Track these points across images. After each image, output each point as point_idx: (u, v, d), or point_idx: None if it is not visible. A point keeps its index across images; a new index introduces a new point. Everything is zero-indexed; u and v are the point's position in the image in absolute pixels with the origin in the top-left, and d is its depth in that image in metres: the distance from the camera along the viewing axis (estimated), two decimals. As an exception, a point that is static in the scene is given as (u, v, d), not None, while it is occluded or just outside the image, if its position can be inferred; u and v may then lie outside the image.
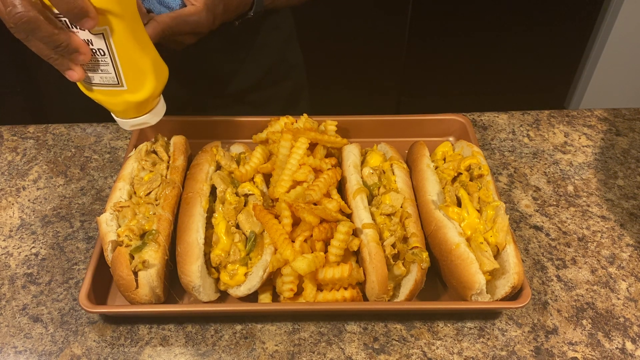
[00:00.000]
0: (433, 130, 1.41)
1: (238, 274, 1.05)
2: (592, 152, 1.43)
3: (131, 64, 0.95)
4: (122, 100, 1.01)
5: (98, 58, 0.93)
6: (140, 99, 1.01)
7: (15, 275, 1.15)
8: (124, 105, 1.02)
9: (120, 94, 0.99)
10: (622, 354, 1.02)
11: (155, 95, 1.04)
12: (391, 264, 1.05)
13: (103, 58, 0.93)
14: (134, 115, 1.06)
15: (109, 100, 1.02)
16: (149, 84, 1.00)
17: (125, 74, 0.96)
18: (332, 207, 1.10)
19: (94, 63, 0.94)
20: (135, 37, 0.94)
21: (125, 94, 1.00)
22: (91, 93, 1.01)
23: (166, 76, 1.05)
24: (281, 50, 1.60)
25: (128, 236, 1.04)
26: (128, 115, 1.05)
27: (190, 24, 1.16)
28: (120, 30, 0.91)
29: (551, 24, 3.26)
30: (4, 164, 1.40)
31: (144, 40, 0.98)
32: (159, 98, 1.09)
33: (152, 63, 0.99)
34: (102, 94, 1.00)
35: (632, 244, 1.21)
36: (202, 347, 1.03)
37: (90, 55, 0.92)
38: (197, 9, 1.16)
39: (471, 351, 1.02)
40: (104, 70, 0.95)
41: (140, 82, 0.99)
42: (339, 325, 1.06)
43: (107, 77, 0.96)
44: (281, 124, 1.31)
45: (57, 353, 1.02)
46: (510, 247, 1.04)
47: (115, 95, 1.00)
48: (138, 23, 0.95)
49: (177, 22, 1.14)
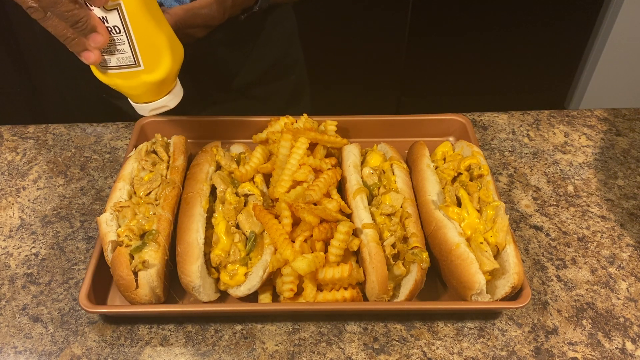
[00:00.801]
0: (433, 130, 1.41)
1: (238, 274, 1.05)
2: (592, 152, 1.43)
3: (147, 40, 0.94)
4: (140, 81, 0.99)
5: (114, 37, 0.92)
6: (158, 78, 0.99)
7: (15, 275, 1.15)
8: (142, 87, 1.00)
9: (138, 75, 0.98)
10: (622, 354, 1.02)
11: (173, 74, 1.02)
12: (391, 264, 1.05)
13: (119, 36, 0.92)
14: (153, 98, 1.04)
15: (126, 84, 1.00)
16: (166, 62, 0.98)
17: (142, 52, 0.94)
18: (332, 207, 1.10)
19: (110, 43, 0.93)
20: (150, 11, 0.92)
21: (143, 75, 0.98)
22: (107, 77, 0.99)
23: (182, 55, 1.03)
24: (284, 46, 1.62)
25: (128, 236, 1.04)
26: (146, 98, 1.04)
27: (202, 17, 1.18)
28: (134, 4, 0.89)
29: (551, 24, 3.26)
30: (4, 164, 1.40)
31: (159, 16, 0.96)
32: (176, 80, 1.07)
33: (168, 39, 0.98)
34: (119, 77, 0.98)
35: (632, 244, 1.21)
36: (202, 347, 1.03)
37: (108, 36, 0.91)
38: (209, 2, 1.17)
39: (471, 351, 1.02)
40: (120, 50, 0.94)
41: (157, 59, 0.97)
42: (339, 325, 1.06)
43: (123, 57, 0.95)
44: (281, 124, 1.31)
45: (57, 353, 1.02)
46: (510, 247, 1.04)
47: (132, 77, 0.98)
48: None
49: (190, 15, 1.15)
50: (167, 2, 1.23)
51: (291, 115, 1.33)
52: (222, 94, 1.58)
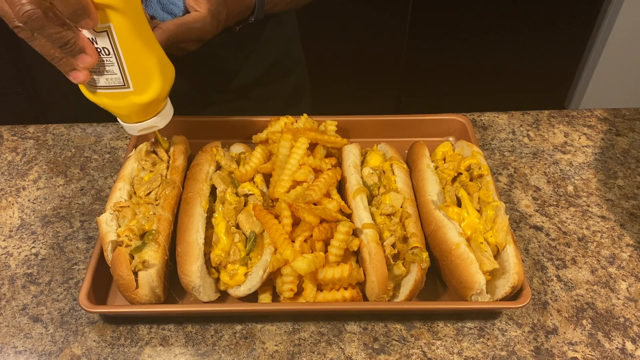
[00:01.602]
0: (433, 130, 1.41)
1: (238, 274, 1.05)
2: (592, 152, 1.43)
3: (137, 62, 0.92)
4: (129, 102, 0.97)
5: (103, 58, 0.90)
6: (147, 100, 0.98)
7: (15, 275, 1.15)
8: (130, 108, 0.98)
9: (127, 96, 0.96)
10: (622, 354, 1.02)
11: (163, 96, 1.00)
12: (391, 264, 1.05)
13: (108, 58, 0.90)
14: (141, 118, 1.02)
15: (114, 104, 0.98)
16: (155, 84, 0.97)
17: (131, 74, 0.93)
18: (332, 207, 1.10)
19: (99, 64, 0.91)
20: (140, 33, 0.91)
21: (132, 96, 0.96)
22: (95, 97, 0.98)
23: (173, 76, 1.02)
24: (285, 47, 1.61)
25: (128, 236, 1.04)
26: (135, 118, 1.02)
27: (195, 31, 1.15)
28: (124, 27, 0.87)
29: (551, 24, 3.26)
30: (4, 164, 1.40)
31: (149, 37, 0.94)
32: (166, 100, 1.05)
33: (159, 61, 0.96)
34: (107, 97, 0.97)
35: (632, 244, 1.21)
36: (202, 347, 1.03)
37: (97, 57, 0.89)
38: (202, 15, 1.15)
39: (471, 351, 1.02)
40: (109, 71, 0.92)
41: (147, 82, 0.96)
42: (339, 325, 1.06)
43: (112, 78, 0.93)
44: (281, 124, 1.31)
45: (57, 353, 1.02)
46: (510, 247, 1.04)
47: (121, 98, 0.97)
48: (142, 19, 0.92)
49: (183, 29, 1.12)
50: (159, 15, 1.20)
51: (291, 116, 1.33)
52: (222, 94, 1.58)
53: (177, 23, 1.12)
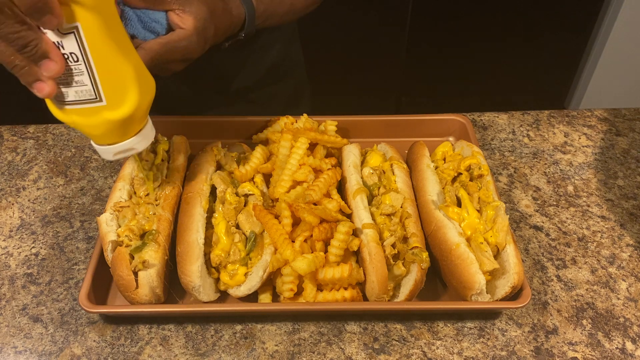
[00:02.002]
0: (433, 130, 1.41)
1: (238, 274, 1.05)
2: (592, 152, 1.43)
3: (110, 70, 0.81)
4: (102, 119, 0.85)
5: (71, 65, 0.79)
6: (123, 116, 0.85)
7: (15, 275, 1.15)
8: (104, 126, 0.86)
9: (99, 112, 0.84)
10: (622, 354, 1.02)
11: (141, 111, 0.88)
12: (391, 264, 1.05)
13: (76, 65, 0.79)
14: (117, 139, 0.89)
15: (86, 122, 0.85)
16: (132, 96, 0.85)
17: (103, 84, 0.81)
18: (332, 207, 1.10)
19: (67, 73, 0.80)
20: (113, 36, 0.79)
21: (105, 111, 0.84)
22: (64, 114, 0.85)
23: (153, 89, 0.90)
24: (284, 48, 1.60)
25: (128, 236, 1.04)
26: (110, 139, 0.89)
27: (180, 50, 1.05)
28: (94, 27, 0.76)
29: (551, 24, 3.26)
30: (4, 164, 1.40)
31: (124, 42, 0.83)
32: (147, 119, 0.93)
33: (135, 70, 0.84)
34: (77, 114, 0.84)
35: (632, 244, 1.21)
36: (202, 347, 1.03)
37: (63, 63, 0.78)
38: (187, 33, 1.04)
39: (471, 351, 1.02)
40: (79, 82, 0.80)
41: (122, 94, 0.84)
42: (339, 325, 1.06)
43: (82, 90, 0.81)
44: (281, 124, 1.31)
45: (57, 353, 1.02)
46: (510, 247, 1.04)
47: (93, 114, 0.84)
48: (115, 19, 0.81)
49: (167, 49, 1.02)
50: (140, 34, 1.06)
51: (291, 116, 1.33)
52: (221, 97, 1.57)
53: (160, 42, 1.02)
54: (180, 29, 1.05)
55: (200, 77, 1.50)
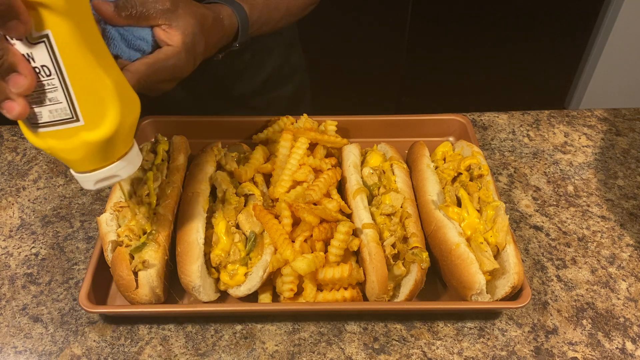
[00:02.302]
0: (433, 130, 1.41)
1: (238, 274, 1.05)
2: (592, 152, 1.43)
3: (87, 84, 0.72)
4: (80, 141, 0.75)
5: (43, 81, 0.70)
6: (102, 137, 0.76)
7: (15, 275, 1.15)
8: (83, 149, 0.76)
9: (77, 133, 0.75)
10: (622, 354, 1.02)
11: (123, 132, 0.78)
12: (391, 264, 1.05)
13: (49, 80, 0.70)
14: (98, 164, 0.80)
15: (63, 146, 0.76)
16: (112, 114, 0.75)
17: (80, 101, 0.72)
18: (332, 207, 1.10)
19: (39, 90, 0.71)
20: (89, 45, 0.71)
21: (83, 132, 0.75)
22: (39, 139, 0.76)
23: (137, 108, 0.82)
24: (284, 54, 1.59)
25: (128, 236, 1.04)
26: (90, 164, 0.79)
27: (168, 69, 0.96)
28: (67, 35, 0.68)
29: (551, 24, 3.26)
30: (4, 164, 1.40)
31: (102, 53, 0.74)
32: (132, 143, 0.84)
33: (115, 85, 0.75)
34: (53, 137, 0.75)
35: (632, 244, 1.21)
36: (202, 347, 1.03)
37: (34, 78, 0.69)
38: (175, 51, 0.96)
39: (471, 351, 1.02)
40: (53, 100, 0.72)
41: (101, 111, 0.75)
42: (339, 325, 1.06)
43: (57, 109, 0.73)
44: (281, 124, 1.31)
45: (57, 353, 1.02)
46: (510, 247, 1.04)
47: (70, 136, 0.75)
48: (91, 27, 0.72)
49: (154, 70, 0.93)
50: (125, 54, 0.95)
51: (291, 116, 1.33)
52: (220, 103, 1.56)
53: (147, 63, 0.93)
54: (168, 46, 0.96)
55: (199, 84, 1.49)
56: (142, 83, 0.92)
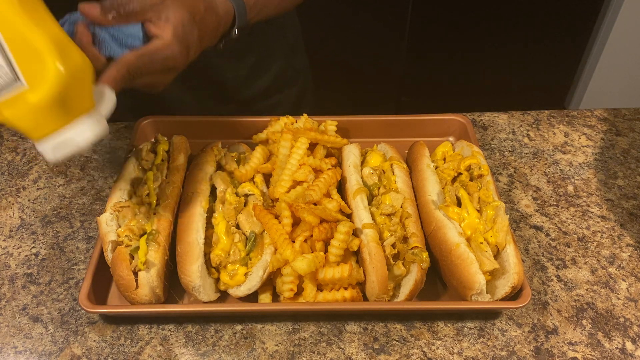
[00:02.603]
0: (433, 130, 1.41)
1: (238, 274, 1.05)
2: (592, 152, 1.43)
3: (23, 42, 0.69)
4: (28, 106, 0.72)
5: None
6: (45, 95, 0.72)
7: (15, 275, 1.15)
8: (32, 113, 0.73)
9: (23, 98, 0.72)
10: (622, 354, 1.02)
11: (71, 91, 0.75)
12: (391, 264, 1.05)
13: None
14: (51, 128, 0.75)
15: (15, 114, 0.74)
16: (51, 69, 0.72)
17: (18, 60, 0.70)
18: (332, 207, 1.10)
19: None
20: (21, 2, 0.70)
21: (29, 95, 0.72)
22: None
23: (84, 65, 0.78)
24: (288, 57, 1.58)
25: (128, 236, 1.04)
26: (43, 129, 0.75)
27: (159, 61, 0.95)
28: None
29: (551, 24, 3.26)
30: (4, 164, 1.40)
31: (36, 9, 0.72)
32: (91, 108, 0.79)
33: (53, 40, 0.72)
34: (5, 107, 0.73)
35: (632, 244, 1.21)
36: (202, 347, 1.03)
37: None
38: (165, 42, 0.94)
39: (471, 351, 1.02)
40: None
41: (40, 67, 0.71)
42: (339, 325, 1.06)
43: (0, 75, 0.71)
44: (281, 124, 1.31)
45: (57, 353, 1.02)
46: (510, 247, 1.04)
47: (18, 103, 0.73)
48: None
49: (144, 60, 0.93)
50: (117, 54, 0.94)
51: (291, 116, 1.33)
52: (223, 106, 1.55)
53: (136, 53, 0.93)
54: (158, 38, 0.95)
55: (203, 87, 1.48)
56: (132, 72, 0.91)
